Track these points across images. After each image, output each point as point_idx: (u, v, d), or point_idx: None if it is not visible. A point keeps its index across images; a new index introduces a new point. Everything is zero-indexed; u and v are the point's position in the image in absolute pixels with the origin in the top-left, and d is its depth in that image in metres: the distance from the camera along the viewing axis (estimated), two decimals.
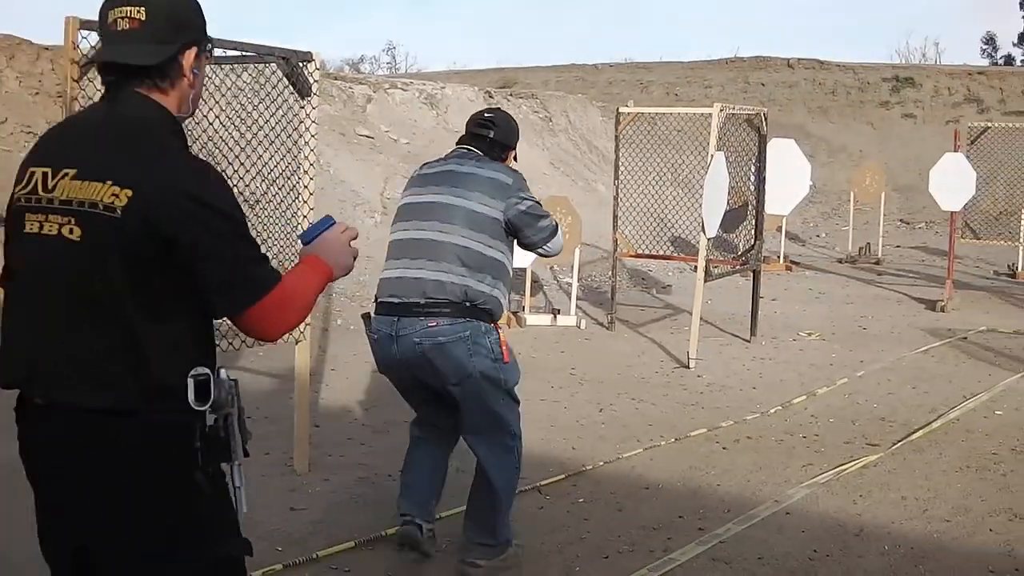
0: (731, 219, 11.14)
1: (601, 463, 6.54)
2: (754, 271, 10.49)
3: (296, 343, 6.08)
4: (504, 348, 4.50)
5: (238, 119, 6.08)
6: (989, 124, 14.32)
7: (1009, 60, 41.21)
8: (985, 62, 39.56)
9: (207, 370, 2.34)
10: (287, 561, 4.88)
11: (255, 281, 2.34)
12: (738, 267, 10.68)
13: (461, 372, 4.38)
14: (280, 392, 7.47)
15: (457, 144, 4.86)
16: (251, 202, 6.01)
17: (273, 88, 6.00)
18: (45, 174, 2.37)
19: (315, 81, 5.86)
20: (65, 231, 2.31)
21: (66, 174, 2.34)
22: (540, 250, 4.80)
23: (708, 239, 9.47)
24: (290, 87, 5.88)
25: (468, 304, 4.36)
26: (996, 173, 15.72)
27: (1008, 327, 11.37)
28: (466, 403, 4.49)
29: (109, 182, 2.28)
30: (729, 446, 7.02)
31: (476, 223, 4.46)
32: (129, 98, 2.40)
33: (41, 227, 2.35)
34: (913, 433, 7.30)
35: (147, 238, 2.26)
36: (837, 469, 6.50)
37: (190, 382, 2.31)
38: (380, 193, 13.06)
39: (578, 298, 11.64)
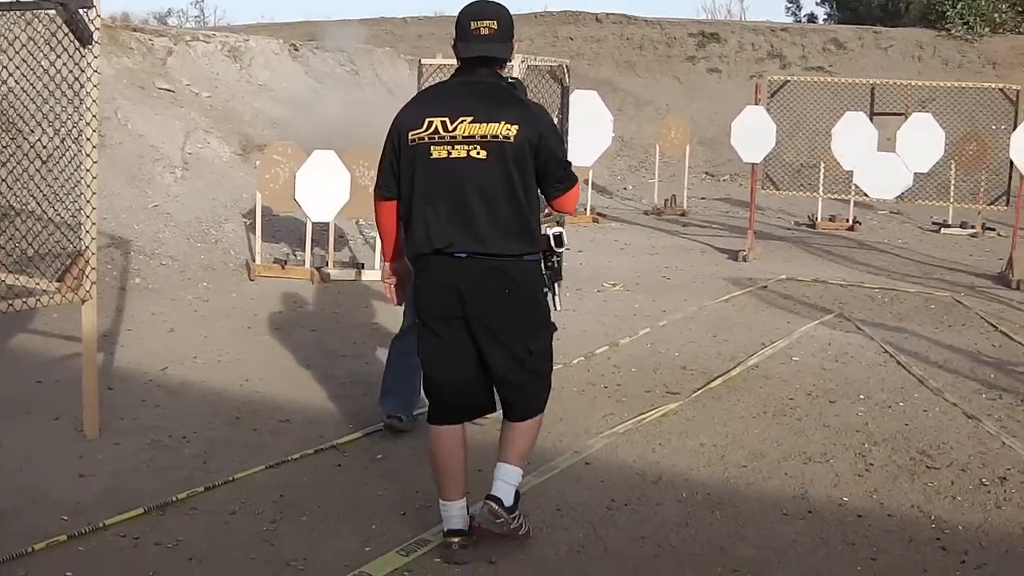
0: None
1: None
2: (558, 222, 10.53)
3: (83, 302, 5.79)
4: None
5: (30, 71, 5.91)
6: (789, 78, 14.83)
7: (812, 18, 42.72)
8: (789, 19, 40.97)
9: (560, 230, 4.59)
10: (73, 531, 4.72)
11: (570, 180, 4.51)
12: (542, 218, 10.71)
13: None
14: (74, 355, 7.13)
15: None
16: (43, 157, 5.97)
17: (65, 37, 5.71)
18: (444, 121, 4.21)
19: (96, 29, 5.59)
20: (476, 153, 4.18)
21: (464, 120, 4.19)
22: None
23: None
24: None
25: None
26: (797, 126, 16.36)
27: (806, 276, 11.85)
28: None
29: (504, 121, 4.20)
30: None
31: None
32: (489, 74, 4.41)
33: (449, 152, 4.19)
34: (712, 381, 7.54)
35: (529, 153, 4.24)
36: (638, 418, 6.66)
37: (551, 236, 4.52)
38: (181, 148, 12.60)
39: None
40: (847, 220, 16.15)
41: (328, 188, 10.41)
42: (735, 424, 6.64)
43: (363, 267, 10.84)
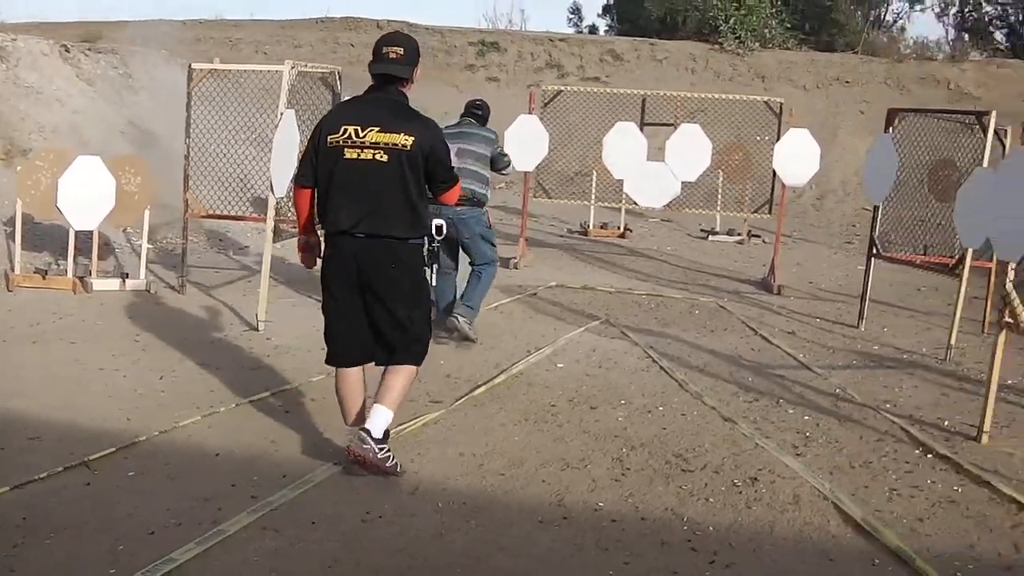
0: None
1: (156, 433, 6.28)
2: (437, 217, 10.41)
3: None
4: (489, 220, 9.10)
5: None
6: (563, 88, 15.03)
7: (593, 29, 43.68)
8: (571, 30, 41.80)
9: (440, 221, 6.00)
10: None
11: (452, 180, 5.70)
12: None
13: (472, 231, 8.82)
14: None
15: (463, 115, 9.44)
16: None
17: None
18: (356, 129, 5.33)
19: None
20: (379, 156, 5.31)
21: (372, 129, 5.33)
22: (504, 171, 9.37)
23: (278, 199, 9.25)
24: None
25: (475, 199, 8.72)
26: (571, 136, 16.61)
27: (576, 282, 12.03)
28: (472, 247, 8.90)
29: (403, 132, 5.33)
30: (292, 409, 6.93)
31: (481, 159, 9.00)
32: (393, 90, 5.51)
33: (359, 154, 5.31)
34: (476, 389, 7.49)
35: (422, 159, 5.37)
36: (398, 428, 6.53)
37: (433, 226, 5.81)
38: None
39: (151, 261, 11.08)
40: (618, 228, 16.53)
41: (92, 195, 9.96)
42: (496, 432, 6.64)
43: (128, 276, 10.38)
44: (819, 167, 12.84)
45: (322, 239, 5.71)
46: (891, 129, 10.18)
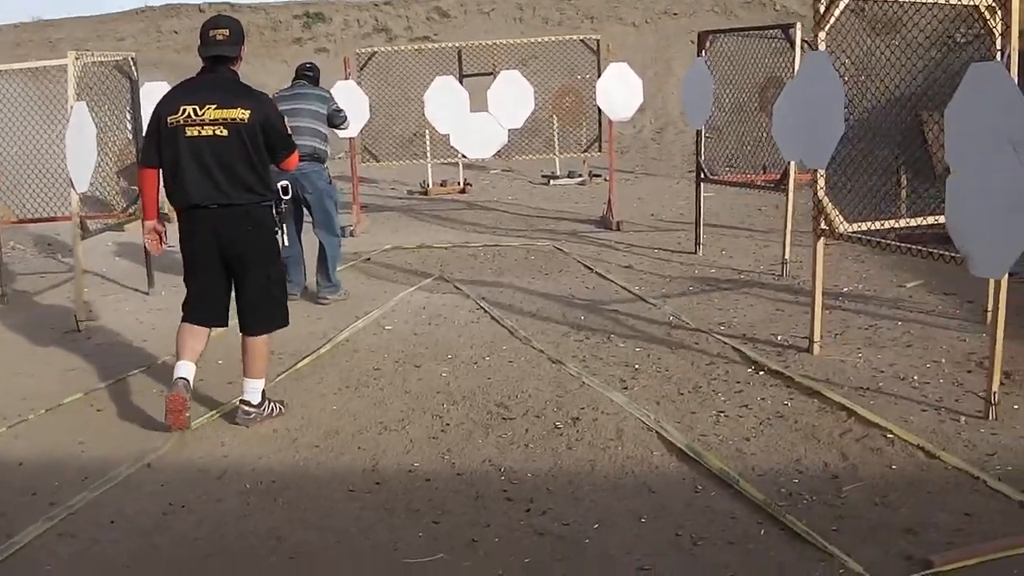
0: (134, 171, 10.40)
1: None
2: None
3: None
4: (330, 176, 9.12)
5: None
6: (377, 49, 14.58)
7: None
8: None
9: (286, 182, 6.08)
10: None
11: (290, 147, 5.89)
12: (122, 219, 10.04)
13: (314, 186, 8.81)
14: None
15: (295, 79, 9.49)
16: None
17: None
18: (194, 108, 5.56)
19: None
20: (219, 132, 5.55)
21: (209, 106, 5.56)
22: (342, 127, 9.49)
23: (80, 194, 8.75)
24: None
25: (315, 155, 8.80)
26: (401, 98, 16.18)
27: (412, 243, 11.73)
28: (315, 204, 8.91)
29: (239, 107, 5.58)
30: (106, 408, 6.49)
31: (317, 117, 9.00)
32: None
33: (199, 132, 5.54)
34: (300, 362, 7.13)
35: (260, 130, 5.61)
36: (211, 412, 6.17)
37: (279, 187, 5.91)
38: None
39: None
40: (458, 183, 16.23)
41: None
42: (314, 404, 6.31)
43: None
44: (644, 98, 12.72)
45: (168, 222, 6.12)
46: (704, 52, 10.05)
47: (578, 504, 4.70)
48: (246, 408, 5.94)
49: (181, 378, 5.82)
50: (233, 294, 5.99)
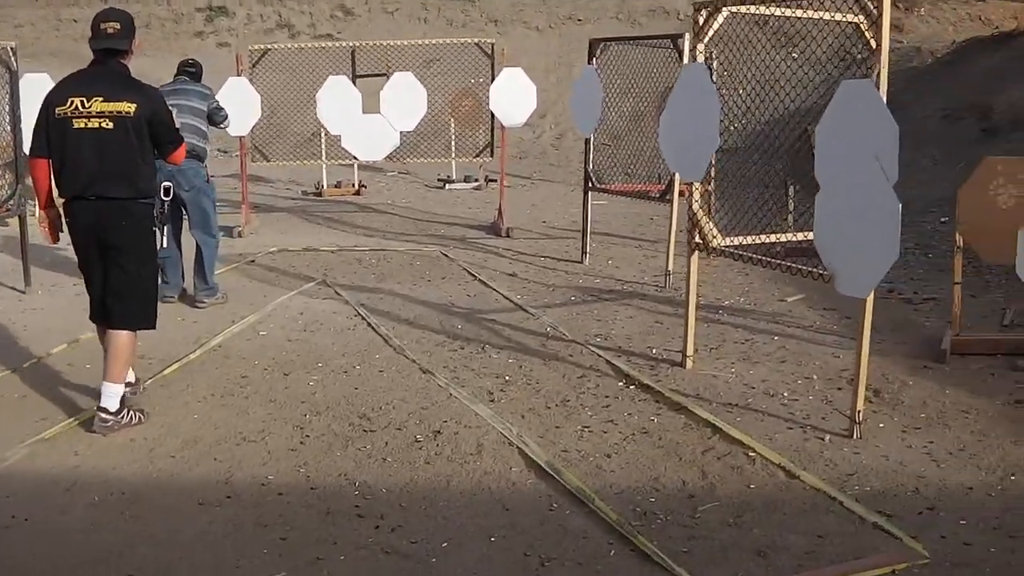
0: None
1: None
2: (20, 216, 9.48)
3: None
4: (208, 174, 8.93)
5: None
6: (270, 46, 14.29)
7: None
8: None
9: (168, 183, 6.31)
10: None
11: (177, 141, 5.96)
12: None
13: (191, 183, 8.59)
14: None
15: (176, 74, 9.29)
16: None
17: None
18: (82, 100, 5.60)
19: None
20: (104, 124, 5.58)
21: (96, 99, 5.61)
22: (222, 125, 9.36)
23: None
24: None
25: (194, 152, 8.27)
26: (302, 96, 15.87)
27: (299, 245, 11.53)
28: (192, 201, 8.69)
29: (125, 100, 5.61)
30: None
31: (197, 114, 8.82)
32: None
33: (86, 124, 5.58)
34: (168, 368, 6.92)
35: (146, 124, 5.64)
36: (72, 419, 5.94)
37: (161, 188, 6.10)
38: None
39: None
40: (353, 185, 16.03)
41: None
42: (177, 412, 6.11)
43: None
44: (545, 104, 12.69)
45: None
46: (594, 60, 10.02)
47: (430, 521, 4.58)
48: (103, 416, 5.74)
49: (127, 385, 6.06)
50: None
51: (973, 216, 6.95)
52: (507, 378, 6.58)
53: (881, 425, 5.71)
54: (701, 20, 6.33)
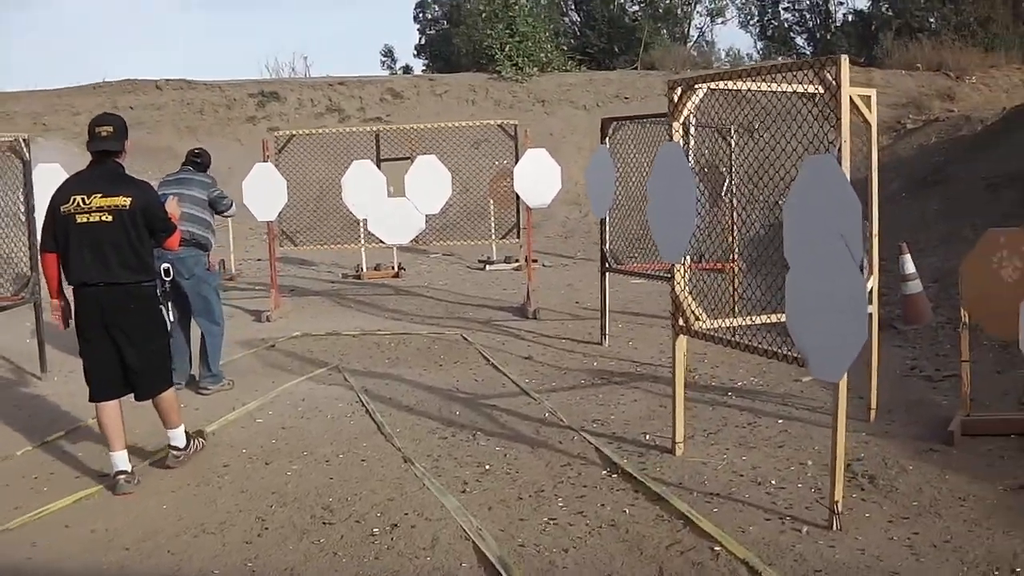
0: None
1: None
2: (35, 303, 9.59)
3: None
4: (210, 263, 8.89)
5: None
6: (294, 132, 14.38)
7: (408, 69, 43.50)
8: (385, 72, 41.61)
9: (167, 265, 6.99)
10: None
11: (170, 229, 6.51)
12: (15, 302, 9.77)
13: (191, 271, 8.57)
14: None
15: (183, 164, 9.41)
16: None
17: None
18: (83, 197, 6.19)
19: None
20: (104, 218, 6.15)
21: (96, 195, 6.20)
22: (226, 214, 9.32)
23: None
24: None
25: (194, 241, 8.52)
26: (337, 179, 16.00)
27: (324, 329, 11.51)
28: (192, 289, 8.63)
29: (121, 195, 6.22)
30: None
31: (198, 203, 8.85)
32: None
33: (88, 218, 6.15)
34: (158, 454, 6.88)
35: (141, 215, 6.24)
36: (46, 507, 5.97)
37: (161, 270, 6.76)
38: None
39: None
40: (392, 268, 16.06)
41: None
42: (148, 501, 6.06)
43: None
44: (561, 184, 12.58)
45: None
46: (607, 140, 9.95)
47: None
48: (175, 452, 6.70)
49: (120, 472, 6.29)
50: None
51: (977, 290, 6.70)
52: (488, 467, 6.42)
53: (867, 515, 5.44)
54: (675, 97, 6.21)
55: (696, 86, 6.16)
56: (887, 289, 11.77)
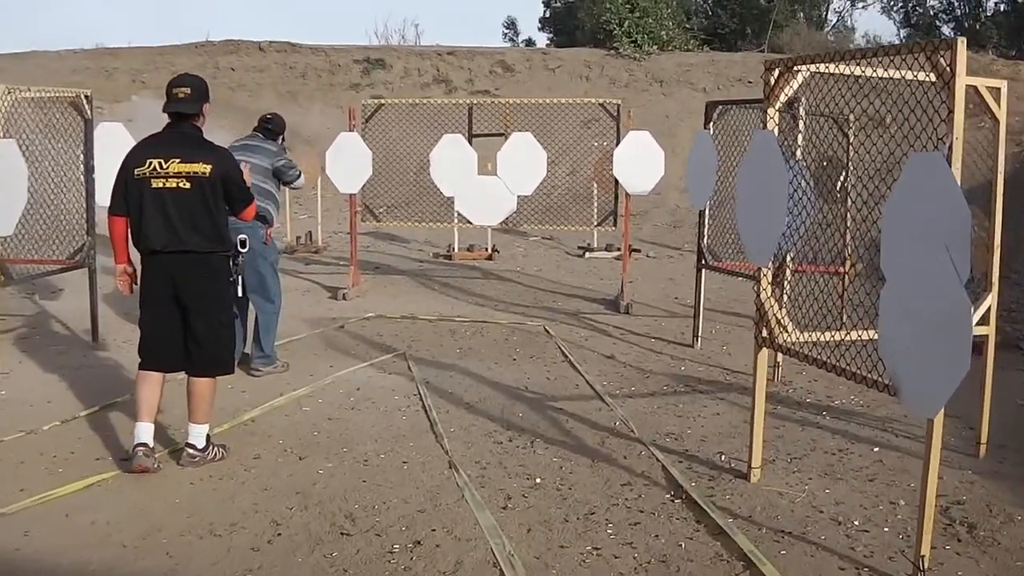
0: None
1: None
2: (89, 268, 9.40)
3: None
4: (268, 235, 8.47)
5: None
6: (383, 101, 14.00)
7: (530, 42, 43.00)
8: (507, 44, 41.26)
9: (244, 236, 6.82)
10: None
11: (248, 199, 6.43)
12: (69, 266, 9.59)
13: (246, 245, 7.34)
14: None
15: (254, 129, 9.05)
16: None
17: None
18: (160, 162, 6.04)
19: None
20: (183, 184, 6.02)
21: (174, 160, 6.05)
22: (293, 185, 9.06)
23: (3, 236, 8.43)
24: None
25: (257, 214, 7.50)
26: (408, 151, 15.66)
27: (400, 311, 11.16)
28: (246, 266, 7.16)
29: (201, 162, 6.08)
30: None
31: (261, 172, 8.50)
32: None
33: (164, 183, 6.02)
34: (179, 445, 6.57)
35: (220, 184, 6.12)
36: (53, 491, 5.69)
37: (237, 240, 6.58)
38: None
39: None
40: (485, 249, 15.65)
41: None
42: (161, 493, 5.73)
43: None
44: (669, 171, 12.00)
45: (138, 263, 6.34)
46: (710, 125, 9.37)
47: None
48: (191, 452, 6.23)
49: (140, 445, 6.07)
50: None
51: None
52: (538, 480, 5.96)
53: (959, 573, 4.84)
54: (772, 80, 5.63)
55: (796, 68, 5.57)
56: (1016, 304, 10.98)
